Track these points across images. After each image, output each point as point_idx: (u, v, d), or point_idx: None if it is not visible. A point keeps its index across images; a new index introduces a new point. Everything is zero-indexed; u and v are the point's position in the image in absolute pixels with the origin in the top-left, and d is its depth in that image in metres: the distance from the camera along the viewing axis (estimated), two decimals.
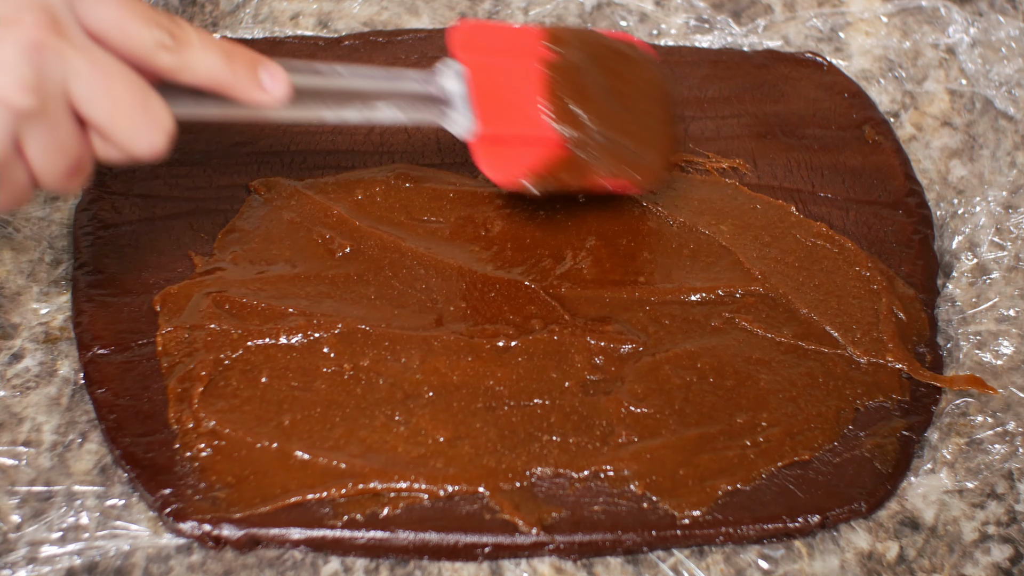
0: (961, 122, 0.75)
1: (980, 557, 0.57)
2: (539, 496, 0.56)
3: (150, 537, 0.54)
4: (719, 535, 0.56)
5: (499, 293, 0.63)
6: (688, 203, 0.68)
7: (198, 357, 0.58)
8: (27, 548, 0.53)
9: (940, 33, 0.78)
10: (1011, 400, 0.62)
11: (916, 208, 0.70)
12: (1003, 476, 0.60)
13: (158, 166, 0.66)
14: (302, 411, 0.57)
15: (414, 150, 0.70)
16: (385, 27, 0.76)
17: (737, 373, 0.61)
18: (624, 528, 0.55)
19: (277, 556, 0.54)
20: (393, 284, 0.62)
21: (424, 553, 0.55)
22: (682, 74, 0.75)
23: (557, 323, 0.62)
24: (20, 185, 0.48)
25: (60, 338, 0.60)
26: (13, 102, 0.45)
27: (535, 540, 0.55)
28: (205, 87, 0.51)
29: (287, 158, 0.68)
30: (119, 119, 0.48)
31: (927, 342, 0.64)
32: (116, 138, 0.48)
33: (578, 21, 0.78)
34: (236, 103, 0.52)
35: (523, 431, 0.58)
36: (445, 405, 0.58)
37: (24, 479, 0.55)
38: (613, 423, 0.58)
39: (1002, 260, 0.68)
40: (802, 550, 0.57)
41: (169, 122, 0.49)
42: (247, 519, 0.54)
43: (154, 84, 0.49)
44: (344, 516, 0.54)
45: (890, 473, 0.59)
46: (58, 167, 0.48)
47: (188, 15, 0.75)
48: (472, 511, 0.55)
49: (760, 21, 0.78)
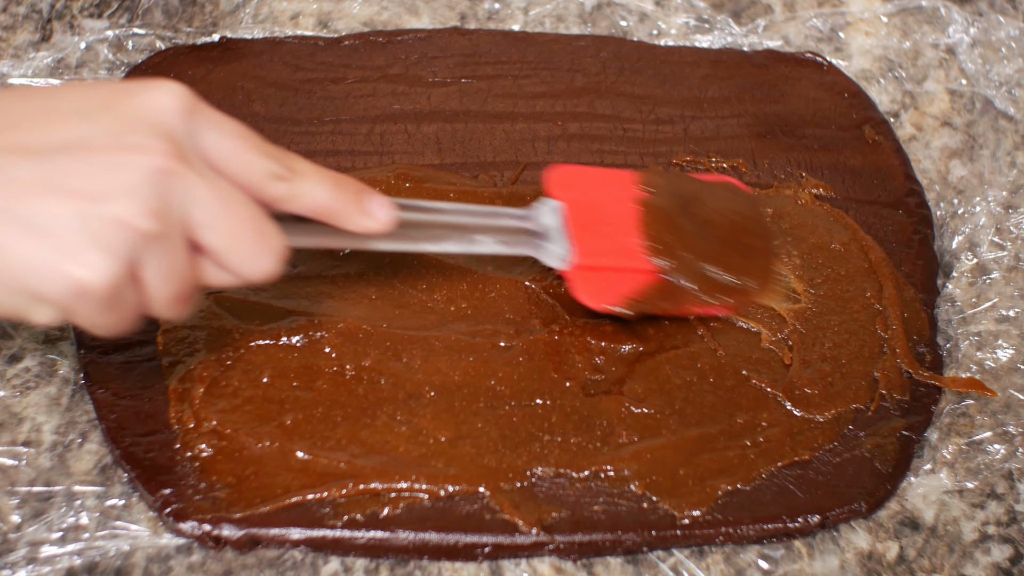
0: (961, 122, 0.75)
1: (980, 557, 0.57)
2: (539, 496, 0.56)
3: (150, 537, 0.54)
4: (719, 535, 0.56)
5: (499, 293, 0.63)
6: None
7: (199, 357, 0.58)
8: (27, 548, 0.53)
9: (940, 33, 0.78)
10: (1011, 400, 0.62)
11: (916, 208, 0.70)
12: (1003, 476, 0.60)
13: None
14: (303, 411, 0.57)
15: (414, 150, 0.70)
16: (385, 27, 0.76)
17: (737, 373, 0.61)
18: (624, 528, 0.55)
19: (277, 556, 0.54)
20: (394, 284, 0.62)
21: (424, 553, 0.55)
22: (682, 74, 0.75)
23: (557, 323, 0.62)
24: (130, 308, 0.48)
25: (60, 338, 0.60)
26: (139, 226, 0.46)
27: (535, 540, 0.55)
28: (314, 215, 0.52)
29: None
30: (237, 245, 0.49)
31: (927, 342, 0.64)
32: (231, 263, 0.49)
33: (578, 21, 0.78)
34: (342, 231, 0.54)
35: (524, 431, 0.58)
36: (447, 405, 0.58)
37: (24, 479, 0.55)
38: (613, 423, 0.58)
39: (1002, 260, 0.68)
40: (802, 550, 0.57)
41: (282, 247, 0.50)
42: (247, 519, 0.54)
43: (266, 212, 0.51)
44: (344, 516, 0.54)
45: (890, 473, 0.59)
46: (171, 291, 0.48)
47: (188, 15, 0.75)
48: (472, 511, 0.55)
49: (760, 21, 0.78)
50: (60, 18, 0.74)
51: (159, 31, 0.73)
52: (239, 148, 0.49)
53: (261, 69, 0.72)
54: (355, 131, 0.70)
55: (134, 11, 0.74)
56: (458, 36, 0.75)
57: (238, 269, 0.49)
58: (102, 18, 0.74)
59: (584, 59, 0.75)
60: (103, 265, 0.45)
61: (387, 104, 0.71)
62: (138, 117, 0.47)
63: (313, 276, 0.62)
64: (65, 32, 0.73)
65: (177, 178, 0.46)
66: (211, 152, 0.49)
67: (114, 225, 0.45)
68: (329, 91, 0.72)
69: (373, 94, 0.72)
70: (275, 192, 0.50)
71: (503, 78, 0.73)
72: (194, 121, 0.48)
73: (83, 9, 0.74)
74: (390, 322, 0.61)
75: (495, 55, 0.75)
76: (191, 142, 0.48)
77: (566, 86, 0.73)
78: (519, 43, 0.75)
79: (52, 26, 0.73)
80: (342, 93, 0.72)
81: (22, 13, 0.74)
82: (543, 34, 0.76)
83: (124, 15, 0.74)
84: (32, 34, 0.73)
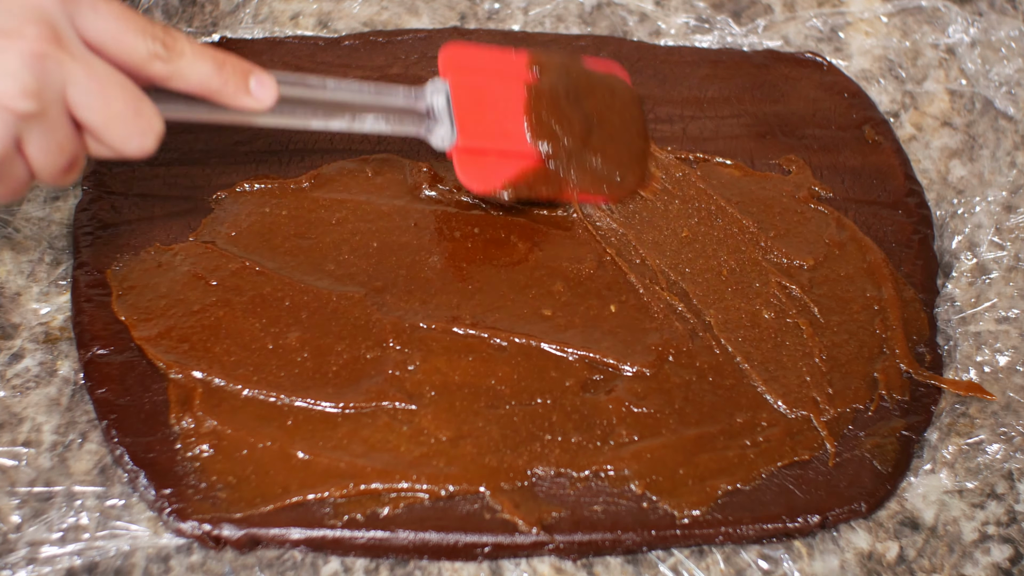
0: (961, 122, 0.75)
1: (980, 557, 0.57)
2: (539, 496, 0.56)
3: (150, 537, 0.54)
4: (719, 535, 0.56)
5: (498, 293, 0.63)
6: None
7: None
8: (27, 548, 0.53)
9: (940, 33, 0.78)
10: (1011, 400, 0.62)
11: (916, 208, 0.70)
12: (1003, 476, 0.60)
13: (157, 166, 0.66)
14: (304, 411, 0.57)
15: (410, 149, 0.70)
16: (385, 27, 0.76)
17: (736, 372, 0.61)
18: (624, 528, 0.55)
19: (277, 556, 0.54)
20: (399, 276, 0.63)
21: (424, 553, 0.55)
22: (682, 74, 0.75)
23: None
24: (19, 180, 0.52)
25: (60, 338, 0.60)
26: (15, 106, 0.49)
27: (535, 540, 0.55)
28: (196, 93, 0.55)
29: (285, 157, 0.68)
30: (112, 123, 0.52)
31: (927, 342, 0.64)
32: (108, 140, 0.52)
33: (578, 21, 0.78)
34: (225, 108, 0.56)
35: (524, 430, 0.58)
36: (447, 404, 0.58)
37: (24, 479, 0.55)
38: (613, 422, 0.58)
39: (1001, 260, 0.68)
40: (802, 550, 0.57)
41: (159, 126, 0.53)
42: (247, 519, 0.54)
43: (146, 89, 0.53)
44: (344, 516, 0.54)
45: (890, 473, 0.59)
46: (55, 164, 0.52)
47: (188, 15, 0.75)
48: (472, 511, 0.55)
49: (760, 21, 0.78)
50: None
51: None
52: (118, 28, 0.51)
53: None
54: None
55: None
56: (458, 36, 0.75)
57: (115, 145, 0.52)
58: None
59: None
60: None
61: None
62: (14, 2, 0.49)
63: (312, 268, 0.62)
64: None
65: (52, 60, 0.49)
66: (89, 33, 0.51)
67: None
68: None
69: None
70: (155, 71, 0.53)
71: None
72: (70, 4, 0.50)
73: None
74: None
75: None
76: (68, 25, 0.50)
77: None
78: (519, 43, 0.75)
79: None
80: None
81: None
82: (543, 34, 0.76)
83: None
84: None
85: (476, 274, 0.63)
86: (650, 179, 0.67)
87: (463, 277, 0.62)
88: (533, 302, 0.62)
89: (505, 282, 0.62)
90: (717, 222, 0.67)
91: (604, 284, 0.64)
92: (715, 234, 0.66)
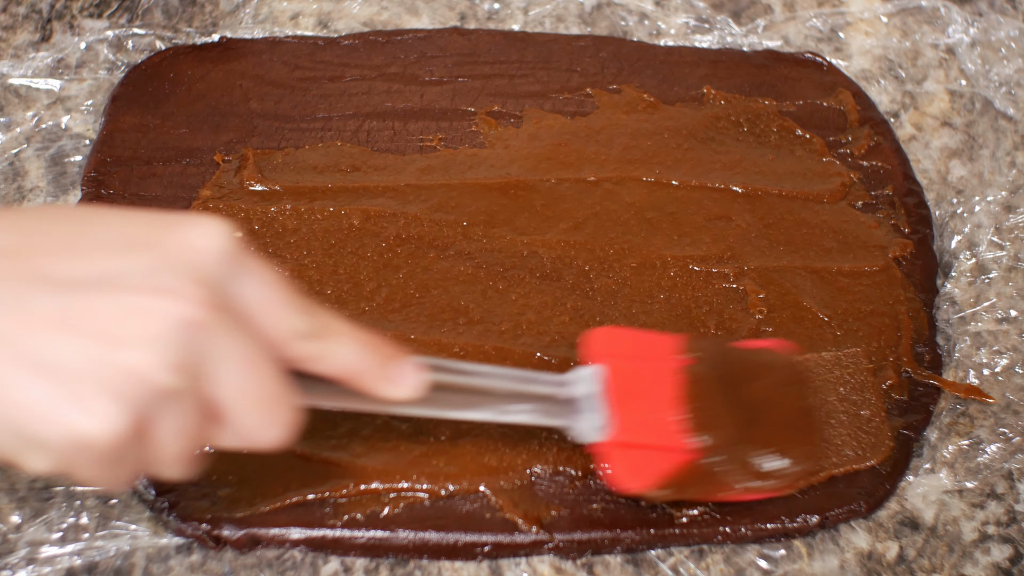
0: (961, 122, 0.75)
1: (980, 557, 0.57)
2: (539, 494, 0.56)
3: (150, 537, 0.54)
4: (718, 534, 0.56)
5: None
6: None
7: None
8: (27, 548, 0.53)
9: (940, 33, 0.78)
10: (1010, 400, 0.62)
11: (915, 208, 0.70)
12: (1003, 476, 0.60)
13: (156, 165, 0.66)
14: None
15: (397, 148, 0.70)
16: (385, 27, 0.76)
17: None
18: (623, 526, 0.55)
19: (277, 556, 0.54)
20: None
21: (424, 552, 0.55)
22: (682, 74, 0.75)
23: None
24: (132, 466, 0.43)
25: None
26: (157, 380, 0.41)
27: (535, 538, 0.55)
28: (336, 377, 0.48)
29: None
30: (254, 409, 0.44)
31: (926, 341, 0.64)
32: (243, 426, 0.45)
33: (578, 21, 0.78)
34: (364, 396, 0.49)
35: (523, 428, 0.58)
36: None
37: (24, 479, 0.55)
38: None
39: (1001, 260, 0.68)
40: (802, 550, 0.57)
41: (296, 418, 0.46)
42: (247, 519, 0.54)
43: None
44: (344, 515, 0.54)
45: (889, 473, 0.59)
46: (180, 452, 0.44)
47: (188, 15, 0.75)
48: (472, 510, 0.55)
49: (760, 21, 0.78)
50: (60, 18, 0.74)
51: (159, 31, 0.74)
52: (273, 301, 0.45)
53: (260, 69, 0.72)
54: (344, 127, 0.70)
55: (134, 11, 0.74)
56: (457, 36, 0.75)
57: (248, 433, 0.45)
58: (102, 18, 0.74)
59: (583, 59, 0.75)
60: (110, 417, 0.40)
61: (379, 102, 0.71)
62: (177, 256, 0.42)
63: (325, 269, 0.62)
64: (65, 32, 0.73)
65: (206, 331, 0.42)
66: (244, 302, 0.44)
67: (129, 375, 0.40)
68: (325, 89, 0.72)
69: (368, 92, 0.72)
70: (302, 351, 0.46)
71: (499, 77, 0.73)
72: (235, 267, 0.43)
73: (83, 9, 0.74)
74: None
75: (494, 55, 0.75)
76: (227, 290, 0.43)
77: (561, 85, 0.73)
78: (518, 43, 0.75)
79: (52, 26, 0.73)
80: (337, 91, 0.72)
81: (22, 13, 0.74)
82: (542, 34, 0.76)
83: (124, 15, 0.74)
84: (32, 34, 0.73)
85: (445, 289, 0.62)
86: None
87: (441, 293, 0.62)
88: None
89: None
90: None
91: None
92: None
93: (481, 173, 0.68)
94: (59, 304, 0.41)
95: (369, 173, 0.67)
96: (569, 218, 0.66)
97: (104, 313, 0.41)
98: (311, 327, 0.45)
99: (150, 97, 0.70)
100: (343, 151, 0.68)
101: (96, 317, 0.41)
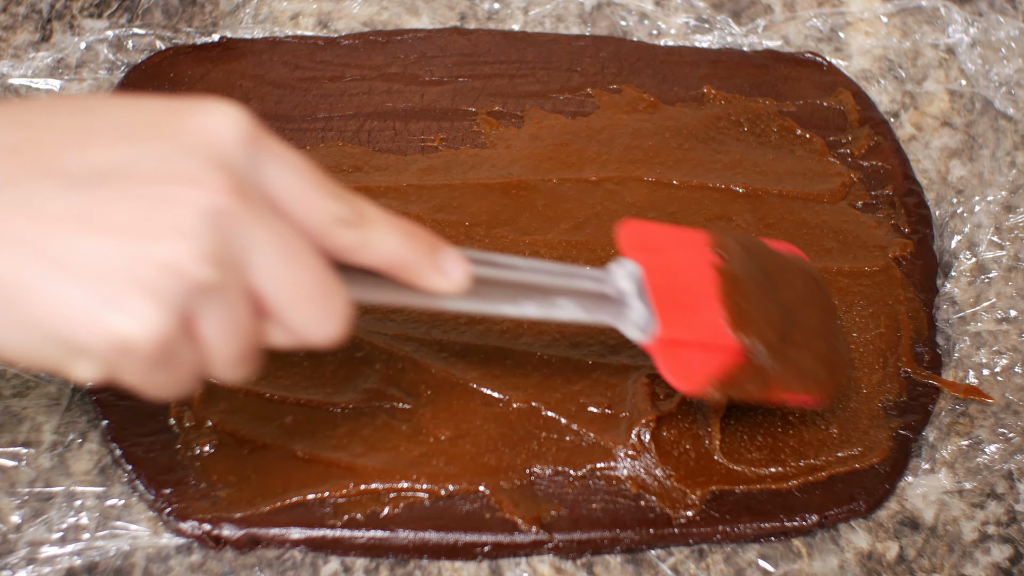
0: (961, 122, 0.75)
1: (980, 557, 0.57)
2: (538, 494, 0.56)
3: (150, 537, 0.54)
4: (717, 534, 0.56)
5: None
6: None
7: None
8: (27, 548, 0.53)
9: (940, 33, 0.78)
10: (1010, 400, 0.62)
11: (915, 208, 0.70)
12: (1003, 476, 0.60)
13: None
14: (304, 410, 0.57)
15: (399, 148, 0.70)
16: (385, 27, 0.76)
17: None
18: (623, 526, 0.55)
19: (277, 556, 0.54)
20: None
21: (424, 552, 0.55)
22: (682, 74, 0.75)
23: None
24: (188, 369, 0.41)
25: None
26: (193, 274, 0.38)
27: (534, 538, 0.55)
28: (382, 269, 0.45)
29: None
30: (300, 303, 0.41)
31: (925, 341, 0.64)
32: (293, 322, 0.42)
33: (578, 21, 0.78)
34: (411, 289, 0.46)
35: (522, 428, 0.58)
36: (445, 403, 0.58)
37: (24, 479, 0.55)
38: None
39: (1001, 260, 0.68)
40: (802, 550, 0.57)
41: (348, 308, 0.43)
42: (247, 519, 0.54)
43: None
44: (344, 515, 0.54)
45: (888, 472, 0.59)
46: (233, 349, 0.41)
47: (188, 15, 0.75)
48: (472, 510, 0.55)
49: (760, 21, 0.78)
50: (60, 18, 0.74)
51: (159, 31, 0.74)
52: (305, 186, 0.42)
53: (260, 69, 0.72)
54: (345, 127, 0.70)
55: (134, 11, 0.74)
56: (457, 36, 0.75)
57: (299, 329, 0.42)
58: (102, 18, 0.74)
59: (583, 59, 0.75)
60: (151, 317, 0.38)
61: (380, 102, 0.72)
62: (191, 142, 0.40)
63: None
64: (65, 32, 0.73)
65: (237, 220, 0.39)
66: (273, 189, 0.41)
67: (165, 270, 0.38)
68: (325, 89, 0.72)
69: (368, 92, 0.72)
70: (343, 240, 0.43)
71: (499, 77, 0.73)
72: (256, 151, 0.41)
73: (83, 9, 0.74)
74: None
75: (494, 55, 0.75)
76: (252, 176, 0.40)
77: (562, 85, 0.73)
78: (518, 43, 0.75)
79: (52, 26, 0.73)
80: (337, 91, 0.72)
81: (22, 13, 0.74)
82: (542, 34, 0.76)
83: (124, 15, 0.74)
84: (32, 34, 0.73)
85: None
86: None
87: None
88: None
89: None
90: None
91: None
92: None
93: (483, 173, 0.68)
94: (75, 200, 0.38)
95: (371, 173, 0.67)
96: (571, 218, 0.66)
97: (125, 206, 0.38)
98: (350, 213, 0.43)
99: None
100: (345, 151, 0.68)
101: (117, 211, 0.38)
